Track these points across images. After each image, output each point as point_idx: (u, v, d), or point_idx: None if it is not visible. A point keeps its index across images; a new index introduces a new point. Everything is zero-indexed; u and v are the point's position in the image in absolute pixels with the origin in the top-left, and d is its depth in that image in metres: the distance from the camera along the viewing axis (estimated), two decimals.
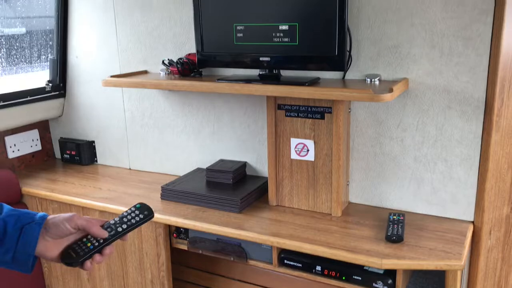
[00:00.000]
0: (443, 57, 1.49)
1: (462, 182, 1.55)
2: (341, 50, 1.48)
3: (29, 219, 0.96)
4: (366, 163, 1.69)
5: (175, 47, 1.96)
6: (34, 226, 0.94)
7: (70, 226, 0.96)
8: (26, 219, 0.95)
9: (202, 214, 1.68)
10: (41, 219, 0.96)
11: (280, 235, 1.50)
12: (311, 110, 1.61)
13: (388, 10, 1.53)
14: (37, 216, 0.97)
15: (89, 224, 0.98)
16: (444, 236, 1.46)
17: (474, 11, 1.42)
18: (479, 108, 1.48)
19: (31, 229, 0.94)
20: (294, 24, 1.53)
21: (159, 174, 2.15)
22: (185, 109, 2.02)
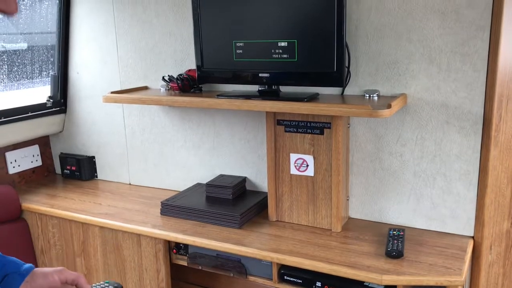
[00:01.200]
0: (441, 72, 1.50)
1: (461, 197, 1.55)
2: (339, 66, 1.50)
3: (14, 268, 0.94)
4: (366, 178, 1.69)
5: (175, 63, 1.98)
6: (16, 276, 0.93)
7: (59, 278, 0.95)
8: (11, 268, 0.94)
9: (202, 229, 1.68)
10: (25, 271, 0.94)
11: (280, 251, 1.50)
12: (310, 125, 1.61)
13: (386, 27, 1.55)
14: (23, 267, 0.95)
15: (79, 279, 0.97)
16: (444, 252, 1.46)
17: (471, 27, 1.43)
18: (477, 124, 1.48)
19: (13, 279, 0.93)
20: (293, 40, 1.55)
21: (159, 190, 2.15)
22: (185, 124, 2.03)
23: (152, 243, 1.72)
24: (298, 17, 1.53)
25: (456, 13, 1.44)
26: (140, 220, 1.78)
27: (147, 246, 1.74)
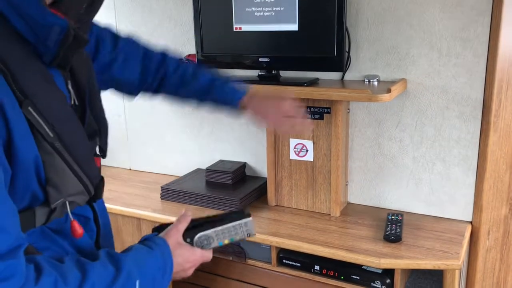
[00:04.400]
0: (441, 58, 1.50)
1: (460, 182, 1.56)
2: (339, 51, 1.49)
3: None
4: (365, 163, 1.70)
5: (175, 47, 1.97)
6: None
7: None
8: None
9: (202, 214, 1.68)
10: None
11: (279, 235, 1.51)
12: (310, 110, 1.61)
13: (386, 11, 1.54)
14: None
15: None
16: (442, 236, 1.47)
17: (472, 12, 1.43)
18: (477, 109, 1.48)
19: None
20: (293, 25, 1.54)
21: (159, 175, 2.15)
22: (185, 109, 2.03)
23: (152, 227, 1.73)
24: (299, 1, 1.52)
25: None
26: (140, 205, 1.79)
27: (147, 230, 1.75)
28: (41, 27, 0.68)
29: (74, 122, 0.78)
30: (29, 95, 0.68)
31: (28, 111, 0.68)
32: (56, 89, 0.75)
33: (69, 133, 0.75)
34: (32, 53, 0.71)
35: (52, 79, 0.74)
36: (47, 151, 0.71)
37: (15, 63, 0.67)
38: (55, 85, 0.75)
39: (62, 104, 0.76)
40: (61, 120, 0.73)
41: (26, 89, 0.68)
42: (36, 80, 0.71)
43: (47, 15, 0.68)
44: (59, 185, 0.74)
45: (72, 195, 0.77)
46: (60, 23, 0.69)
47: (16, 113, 0.67)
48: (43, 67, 0.73)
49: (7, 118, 0.65)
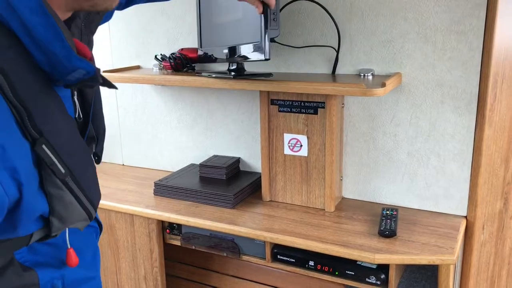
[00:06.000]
0: (436, 51, 1.48)
1: (455, 177, 1.55)
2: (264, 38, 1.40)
3: None
4: (360, 158, 1.69)
5: (168, 42, 1.95)
6: None
7: None
8: None
9: (195, 209, 1.68)
10: None
11: (273, 230, 1.50)
12: (304, 105, 1.60)
13: (381, 4, 1.52)
14: None
15: None
16: (437, 231, 1.46)
17: (467, 5, 1.41)
18: (472, 103, 1.47)
19: None
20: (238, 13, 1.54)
21: (152, 170, 2.14)
22: (178, 104, 2.01)
23: (145, 223, 1.72)
24: None
25: None
26: (133, 201, 1.78)
27: (140, 226, 1.73)
28: (64, 67, 0.64)
29: (84, 152, 0.75)
30: (44, 132, 0.64)
31: (42, 149, 0.64)
32: (67, 116, 0.71)
33: (80, 165, 0.72)
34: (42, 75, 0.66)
35: (62, 103, 0.70)
36: (56, 186, 0.68)
37: (32, 97, 0.62)
38: (65, 112, 0.71)
39: (72, 132, 0.72)
40: (72, 152, 0.70)
41: (42, 127, 0.63)
42: (50, 113, 0.66)
43: (73, 58, 0.63)
44: (63, 216, 0.71)
45: (75, 223, 0.75)
46: (87, 68, 0.65)
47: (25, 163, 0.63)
48: (55, 93, 0.68)
49: (21, 182, 0.61)
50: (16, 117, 0.61)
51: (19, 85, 0.60)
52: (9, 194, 0.60)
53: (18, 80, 0.60)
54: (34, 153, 0.64)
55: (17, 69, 0.61)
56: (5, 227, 0.62)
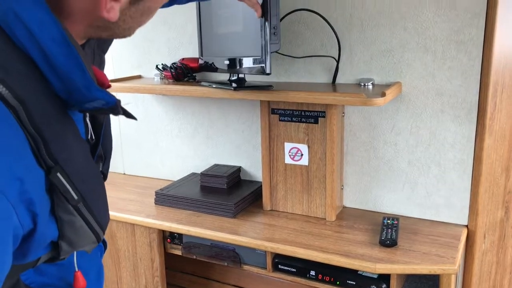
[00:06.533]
0: (436, 61, 1.49)
1: (455, 186, 1.55)
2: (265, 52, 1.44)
3: None
4: (360, 167, 1.69)
5: (169, 51, 1.96)
6: None
7: None
8: None
9: (196, 219, 1.68)
10: None
11: (274, 240, 1.50)
12: (304, 114, 1.60)
13: (381, 14, 1.53)
14: None
15: None
16: (438, 240, 1.46)
17: (466, 15, 1.42)
18: (472, 112, 1.48)
19: None
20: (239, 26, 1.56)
21: (153, 179, 2.14)
22: (179, 114, 2.02)
23: (146, 233, 1.72)
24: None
25: (451, 0, 1.43)
26: (135, 210, 1.78)
27: (141, 235, 1.73)
28: (83, 96, 0.63)
29: (96, 175, 0.75)
30: (60, 160, 0.63)
31: (56, 177, 0.63)
32: (81, 141, 0.70)
33: (92, 189, 0.71)
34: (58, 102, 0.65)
35: (76, 128, 0.69)
36: (68, 211, 0.67)
37: (48, 126, 0.62)
38: (79, 136, 0.70)
39: (86, 157, 0.71)
40: (85, 177, 0.69)
41: (57, 155, 0.63)
42: (65, 140, 0.65)
43: (93, 89, 0.63)
44: (73, 241, 0.70)
45: (83, 247, 0.74)
46: (107, 99, 0.64)
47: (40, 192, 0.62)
48: (70, 118, 0.67)
49: (36, 213, 0.61)
50: (32, 145, 0.60)
51: (36, 114, 0.60)
52: (24, 226, 0.60)
53: (35, 108, 0.60)
54: (48, 180, 0.63)
55: (34, 98, 0.60)
56: (15, 255, 0.62)
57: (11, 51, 0.60)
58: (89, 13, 0.64)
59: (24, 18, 0.59)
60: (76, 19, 0.65)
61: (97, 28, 0.68)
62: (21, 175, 0.58)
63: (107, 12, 0.63)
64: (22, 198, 0.59)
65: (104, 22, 0.66)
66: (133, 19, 0.69)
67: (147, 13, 0.71)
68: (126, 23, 0.69)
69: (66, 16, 0.64)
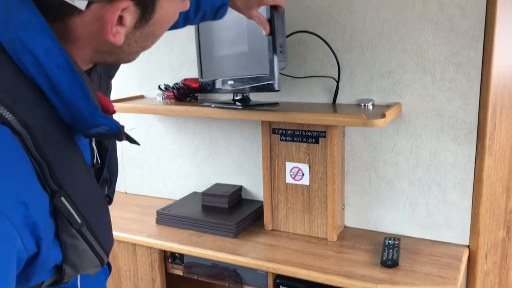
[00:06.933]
0: (435, 82, 1.51)
1: (456, 206, 1.55)
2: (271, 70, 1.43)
3: None
4: (361, 187, 1.69)
5: (171, 72, 1.98)
6: None
7: None
8: None
9: (198, 239, 1.68)
10: None
11: (276, 260, 1.50)
12: (305, 134, 1.62)
13: (380, 36, 1.55)
14: None
15: None
16: (439, 261, 1.46)
17: (464, 37, 1.44)
18: (472, 133, 1.49)
19: None
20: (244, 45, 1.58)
21: (155, 198, 2.14)
22: (181, 133, 2.03)
23: (147, 253, 1.72)
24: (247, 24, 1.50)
25: (449, 23, 1.45)
26: (136, 230, 1.78)
27: (142, 255, 1.73)
28: (87, 122, 0.64)
29: (100, 199, 0.75)
30: (64, 184, 0.64)
31: (60, 201, 0.64)
32: (85, 166, 0.71)
33: (96, 213, 0.72)
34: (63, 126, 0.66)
35: (81, 153, 0.70)
36: (71, 235, 0.67)
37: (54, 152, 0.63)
38: (84, 161, 0.71)
39: (90, 181, 0.72)
40: (89, 202, 0.70)
41: (62, 180, 0.64)
42: (71, 165, 0.67)
43: (98, 115, 0.64)
44: (77, 264, 0.71)
45: (87, 270, 0.75)
46: (111, 125, 0.65)
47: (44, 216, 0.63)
48: (75, 143, 0.69)
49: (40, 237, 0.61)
50: (37, 170, 0.61)
51: (41, 140, 0.61)
52: (28, 250, 0.61)
53: (41, 135, 0.61)
54: (52, 204, 0.64)
55: (40, 124, 0.62)
56: (18, 279, 0.62)
57: (18, 78, 0.61)
58: (95, 38, 0.65)
59: (30, 46, 0.60)
60: (82, 45, 0.66)
61: (103, 53, 0.69)
62: (26, 199, 0.59)
63: (113, 36, 0.65)
64: (27, 222, 0.59)
65: (110, 47, 0.68)
66: (137, 43, 0.71)
67: (151, 37, 0.72)
68: (131, 47, 0.70)
69: (72, 41, 0.65)
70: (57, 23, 0.63)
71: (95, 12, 0.62)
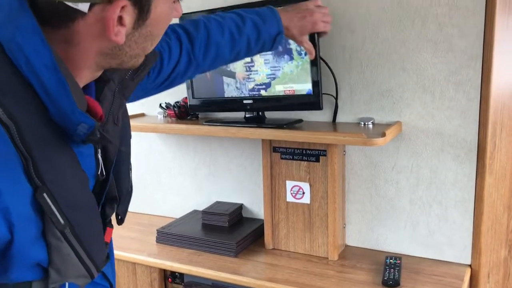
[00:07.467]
0: (435, 101, 1.51)
1: (457, 224, 1.55)
2: (316, 90, 1.53)
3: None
4: (362, 205, 1.69)
5: (172, 90, 1.98)
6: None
7: None
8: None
9: (198, 258, 1.67)
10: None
11: (276, 280, 1.49)
12: (306, 153, 1.62)
13: (380, 55, 1.57)
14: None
15: None
16: (441, 281, 1.45)
17: (463, 56, 1.45)
18: (472, 151, 1.49)
19: None
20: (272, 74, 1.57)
21: (155, 216, 2.14)
22: (182, 151, 2.04)
23: (147, 272, 1.71)
24: None
25: (448, 42, 1.46)
26: (136, 248, 1.77)
27: (142, 274, 1.72)
28: (70, 121, 0.67)
29: (90, 208, 0.76)
30: (47, 181, 0.66)
31: (42, 197, 0.66)
32: (79, 172, 0.73)
33: (82, 220, 0.73)
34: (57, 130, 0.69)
35: (75, 159, 0.72)
36: (55, 236, 0.69)
37: (39, 147, 0.66)
38: (78, 168, 0.73)
39: (81, 188, 0.73)
40: (76, 206, 0.71)
41: (45, 176, 0.66)
42: (58, 165, 0.69)
43: (76, 112, 0.67)
44: (61, 269, 0.71)
45: (73, 278, 0.75)
46: (88, 122, 0.68)
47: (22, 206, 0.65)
48: (69, 149, 0.71)
49: (12, 223, 0.63)
50: (23, 162, 0.64)
51: (27, 134, 0.64)
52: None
53: (28, 129, 0.64)
54: (35, 200, 0.66)
55: (28, 119, 0.65)
56: None
57: (14, 76, 0.65)
58: (98, 39, 0.69)
59: (22, 46, 0.64)
60: (85, 47, 0.70)
61: (106, 56, 0.72)
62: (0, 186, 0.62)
63: (115, 35, 0.68)
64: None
65: (112, 49, 0.71)
66: (137, 44, 0.74)
67: (150, 38, 0.75)
68: (132, 49, 0.74)
69: (76, 44, 0.69)
70: (62, 29, 0.67)
71: (97, 14, 0.66)
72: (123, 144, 0.89)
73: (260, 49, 1.21)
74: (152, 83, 1.09)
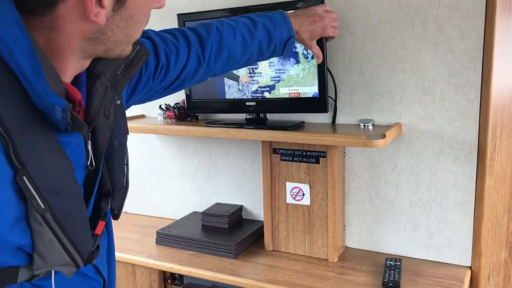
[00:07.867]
0: (435, 102, 1.51)
1: (457, 226, 1.55)
2: (322, 92, 1.53)
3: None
4: (362, 207, 1.69)
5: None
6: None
7: None
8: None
9: (197, 259, 1.67)
10: None
11: (276, 282, 1.48)
12: (306, 154, 1.62)
13: (379, 57, 1.56)
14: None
15: None
16: (441, 282, 1.44)
17: (463, 58, 1.45)
18: (472, 153, 1.49)
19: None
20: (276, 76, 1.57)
21: (155, 218, 2.13)
22: (181, 152, 2.03)
23: (147, 273, 1.70)
24: None
25: (448, 44, 1.46)
26: (135, 250, 1.77)
27: (142, 276, 1.72)
28: (45, 103, 0.69)
29: (73, 196, 0.77)
30: (27, 165, 0.68)
31: (22, 180, 0.67)
32: (62, 160, 0.74)
33: (64, 206, 0.73)
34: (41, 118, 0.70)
35: (59, 146, 0.73)
36: (37, 220, 0.70)
37: (19, 131, 0.67)
38: (61, 155, 0.74)
39: (64, 175, 0.74)
40: (57, 192, 0.72)
41: (25, 160, 0.67)
42: (40, 151, 0.70)
43: (49, 95, 0.68)
44: (44, 255, 0.72)
45: (58, 266, 0.76)
46: (60, 104, 0.69)
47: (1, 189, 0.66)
48: (53, 136, 0.72)
49: None
50: (4, 146, 0.66)
51: (7, 118, 0.66)
52: None
53: (8, 113, 0.66)
54: (16, 184, 0.68)
55: (9, 104, 0.67)
56: None
57: None
58: (80, 22, 0.70)
59: (3, 35, 0.66)
60: (68, 32, 0.71)
61: (90, 41, 0.73)
62: None
63: (95, 16, 0.70)
64: None
65: (95, 33, 0.73)
66: (119, 28, 0.75)
67: (131, 22, 0.76)
68: (114, 33, 0.75)
69: (59, 30, 0.70)
70: (46, 17, 0.69)
71: None
72: (116, 138, 0.89)
73: (272, 53, 1.22)
74: (159, 85, 1.09)
